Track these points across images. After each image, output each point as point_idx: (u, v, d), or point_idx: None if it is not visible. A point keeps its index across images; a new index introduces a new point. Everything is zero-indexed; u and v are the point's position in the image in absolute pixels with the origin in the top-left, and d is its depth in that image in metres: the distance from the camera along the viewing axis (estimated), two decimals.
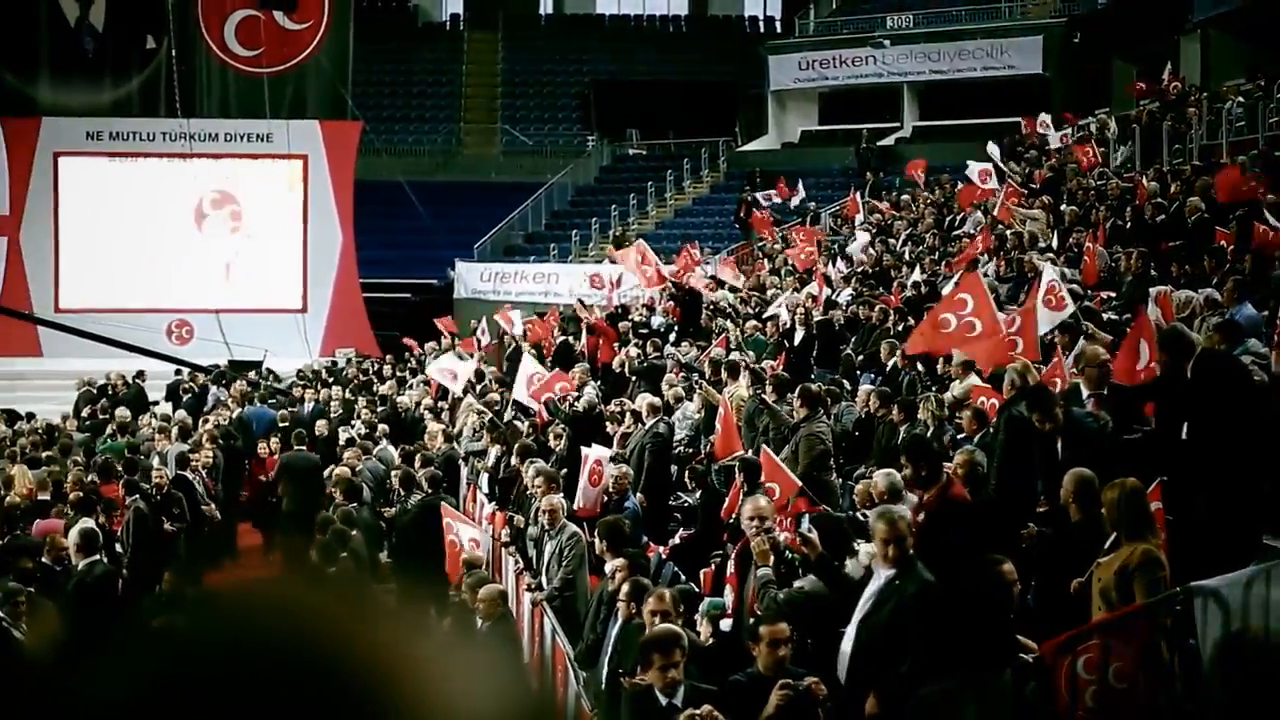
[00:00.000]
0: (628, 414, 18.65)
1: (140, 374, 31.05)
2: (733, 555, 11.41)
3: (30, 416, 28.33)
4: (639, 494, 16.52)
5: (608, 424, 19.20)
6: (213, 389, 29.77)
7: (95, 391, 30.00)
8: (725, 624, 10.71)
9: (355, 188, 40.24)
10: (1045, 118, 36.18)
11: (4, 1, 40.02)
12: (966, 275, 18.85)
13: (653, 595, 9.72)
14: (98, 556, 14.34)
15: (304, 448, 22.50)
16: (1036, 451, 11.29)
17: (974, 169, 31.31)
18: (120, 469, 20.60)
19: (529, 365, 22.76)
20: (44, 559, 14.57)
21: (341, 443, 22.47)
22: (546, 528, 14.42)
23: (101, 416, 27.62)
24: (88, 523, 15.43)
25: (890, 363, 18.40)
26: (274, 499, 22.00)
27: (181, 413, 26.33)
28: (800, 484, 12.77)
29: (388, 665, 1.24)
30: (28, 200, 39.49)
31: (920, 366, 17.81)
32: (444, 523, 16.11)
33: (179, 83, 39.73)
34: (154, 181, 39.91)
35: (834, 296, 25.21)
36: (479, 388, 24.89)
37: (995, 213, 27.56)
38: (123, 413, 26.24)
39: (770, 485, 12.58)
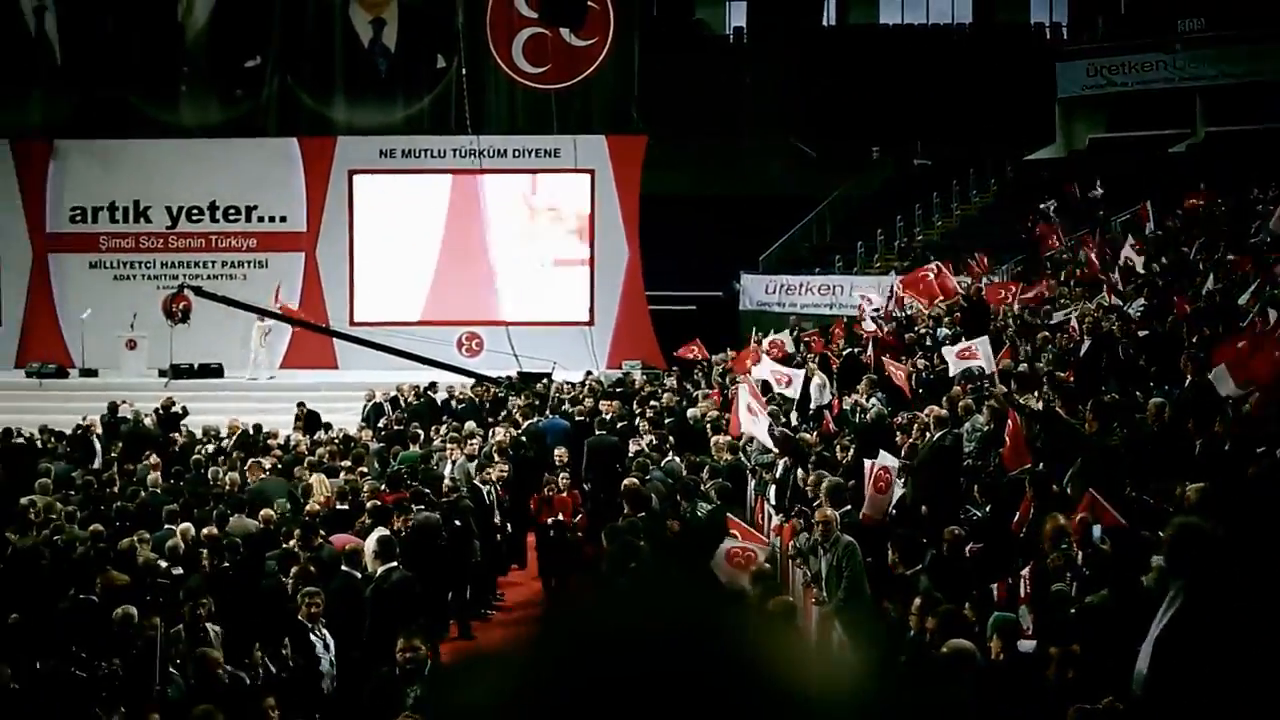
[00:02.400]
0: (915, 425, 18.52)
1: (431, 385, 31.67)
2: (1026, 573, 11.23)
3: (328, 427, 29.11)
4: (923, 506, 16.40)
5: (896, 435, 19.08)
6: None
7: (386, 403, 30.70)
8: (1025, 645, 10.49)
9: (640, 200, 40.53)
10: None
11: (300, 26, 41.25)
12: None
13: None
14: (394, 564, 14.69)
15: (604, 432, 23.31)
16: None
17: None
18: (409, 479, 21.03)
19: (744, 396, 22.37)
20: (344, 566, 14.97)
21: (631, 454, 22.57)
22: (820, 540, 14.36)
23: (396, 427, 28.20)
24: (384, 531, 15.82)
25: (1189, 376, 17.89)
26: (566, 538, 21.59)
27: (471, 424, 26.76)
28: (1112, 509, 12.44)
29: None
30: (324, 217, 40.59)
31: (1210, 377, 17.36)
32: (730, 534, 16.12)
33: (469, 100, 40.44)
34: (444, 197, 40.74)
35: (1125, 307, 24.71)
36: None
37: None
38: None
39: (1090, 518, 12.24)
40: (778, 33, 52.20)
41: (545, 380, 33.10)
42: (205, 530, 17.44)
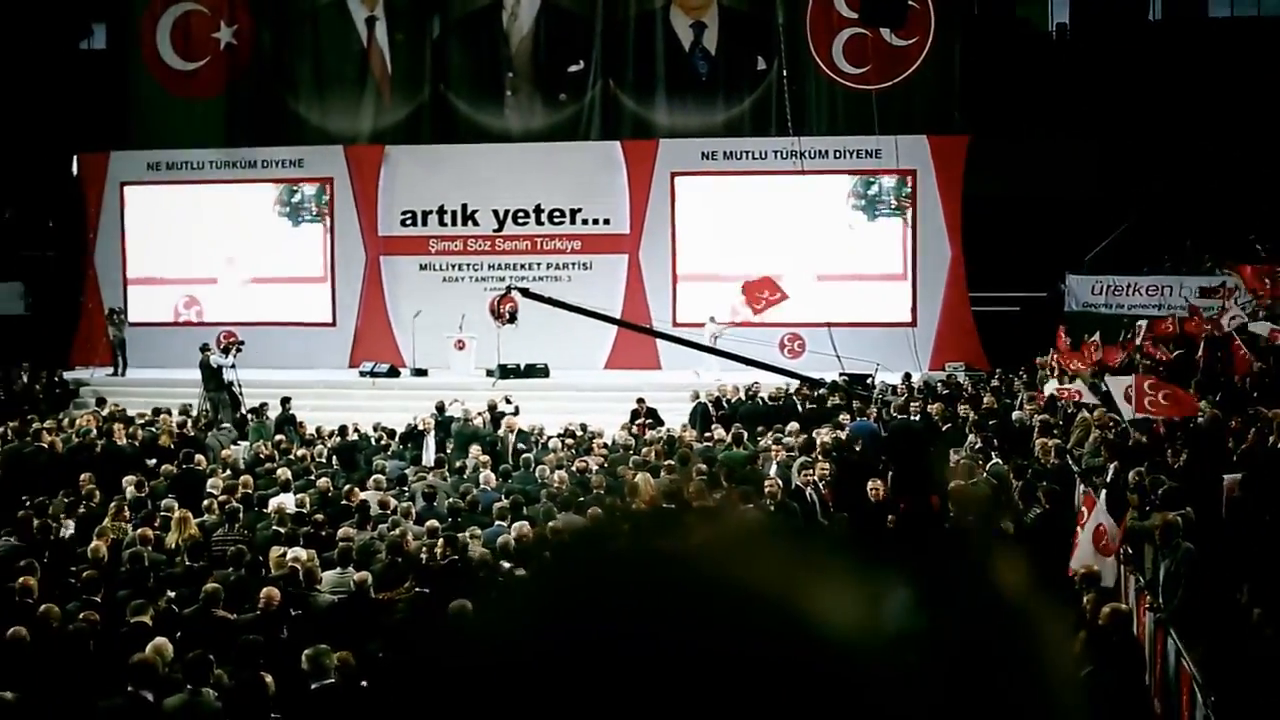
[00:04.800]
0: (1251, 430, 18.01)
1: (754, 386, 31.80)
2: None
3: (654, 426, 29.45)
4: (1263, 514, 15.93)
5: (1229, 440, 18.58)
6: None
7: (709, 404, 30.89)
8: None
9: (963, 200, 40.15)
10: None
11: (622, 30, 41.82)
12: None
13: None
14: None
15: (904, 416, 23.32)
16: None
17: None
18: (724, 479, 21.18)
19: (1119, 382, 22.06)
20: None
21: (952, 462, 22.33)
22: (1160, 546, 14.07)
23: (716, 428, 28.37)
24: None
25: None
26: None
27: (794, 425, 26.80)
28: None
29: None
30: (646, 219, 40.98)
31: None
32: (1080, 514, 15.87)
33: (789, 101, 40.48)
34: (765, 198, 40.82)
35: None
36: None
37: None
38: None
39: None
40: (1102, 28, 51.17)
41: (869, 381, 33.03)
42: (531, 528, 17.80)
